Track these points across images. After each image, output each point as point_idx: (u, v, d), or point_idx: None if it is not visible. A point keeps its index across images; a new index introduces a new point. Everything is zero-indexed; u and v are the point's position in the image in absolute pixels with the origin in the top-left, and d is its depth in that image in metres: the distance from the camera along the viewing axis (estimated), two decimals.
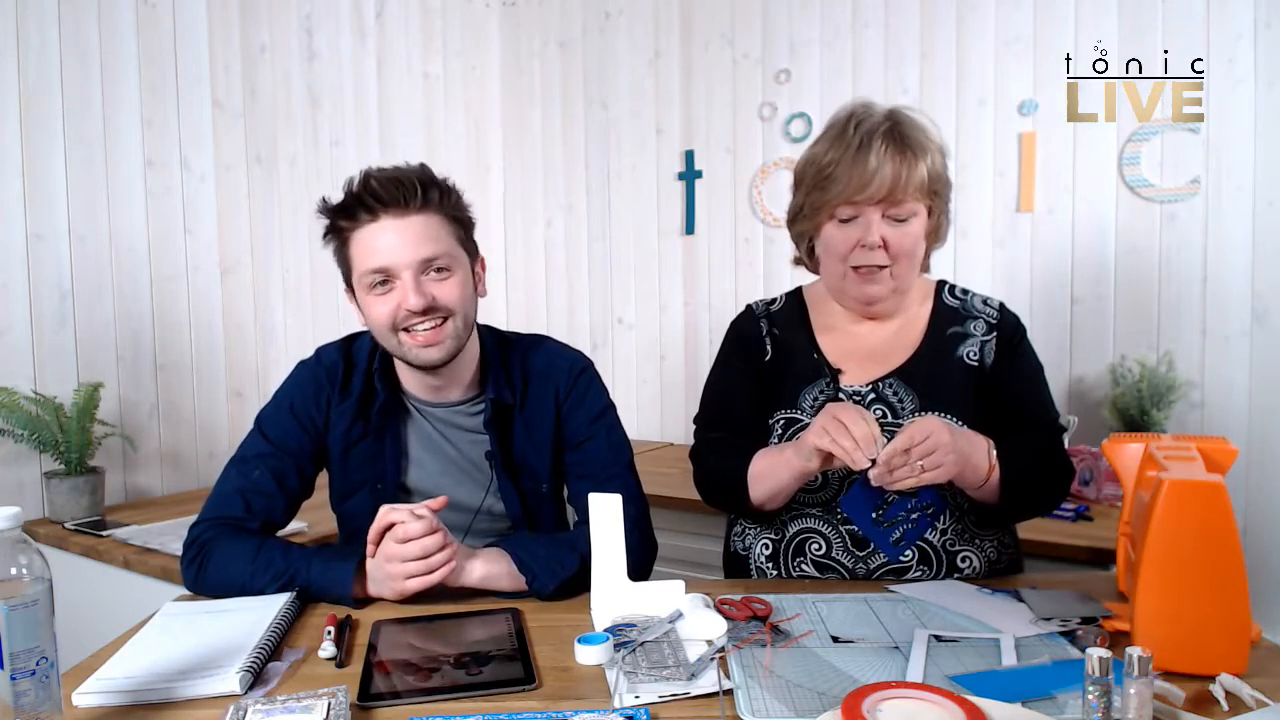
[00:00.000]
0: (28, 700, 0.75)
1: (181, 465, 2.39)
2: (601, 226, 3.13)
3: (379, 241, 1.19)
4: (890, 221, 1.25)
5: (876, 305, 1.33)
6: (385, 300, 1.21)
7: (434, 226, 1.21)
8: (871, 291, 1.30)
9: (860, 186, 1.23)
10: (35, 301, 2.10)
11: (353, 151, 2.82)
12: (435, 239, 1.20)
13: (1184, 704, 0.83)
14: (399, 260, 1.19)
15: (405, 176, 1.20)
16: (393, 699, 0.88)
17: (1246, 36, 2.12)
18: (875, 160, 1.22)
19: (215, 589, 1.18)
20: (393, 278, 1.20)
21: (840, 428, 1.11)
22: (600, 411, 1.37)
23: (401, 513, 1.13)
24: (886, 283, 1.29)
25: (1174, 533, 0.90)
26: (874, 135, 1.23)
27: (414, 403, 1.34)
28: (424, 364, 1.24)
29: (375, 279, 1.20)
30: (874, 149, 1.22)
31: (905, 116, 1.27)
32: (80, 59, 2.17)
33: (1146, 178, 2.24)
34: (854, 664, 0.94)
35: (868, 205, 1.25)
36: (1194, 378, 2.19)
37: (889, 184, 1.22)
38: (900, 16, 2.53)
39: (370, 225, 1.19)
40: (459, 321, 1.23)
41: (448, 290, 1.22)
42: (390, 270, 1.19)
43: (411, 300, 1.18)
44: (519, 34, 3.22)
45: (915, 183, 1.23)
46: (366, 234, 1.20)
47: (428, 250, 1.20)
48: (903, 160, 1.22)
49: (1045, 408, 1.35)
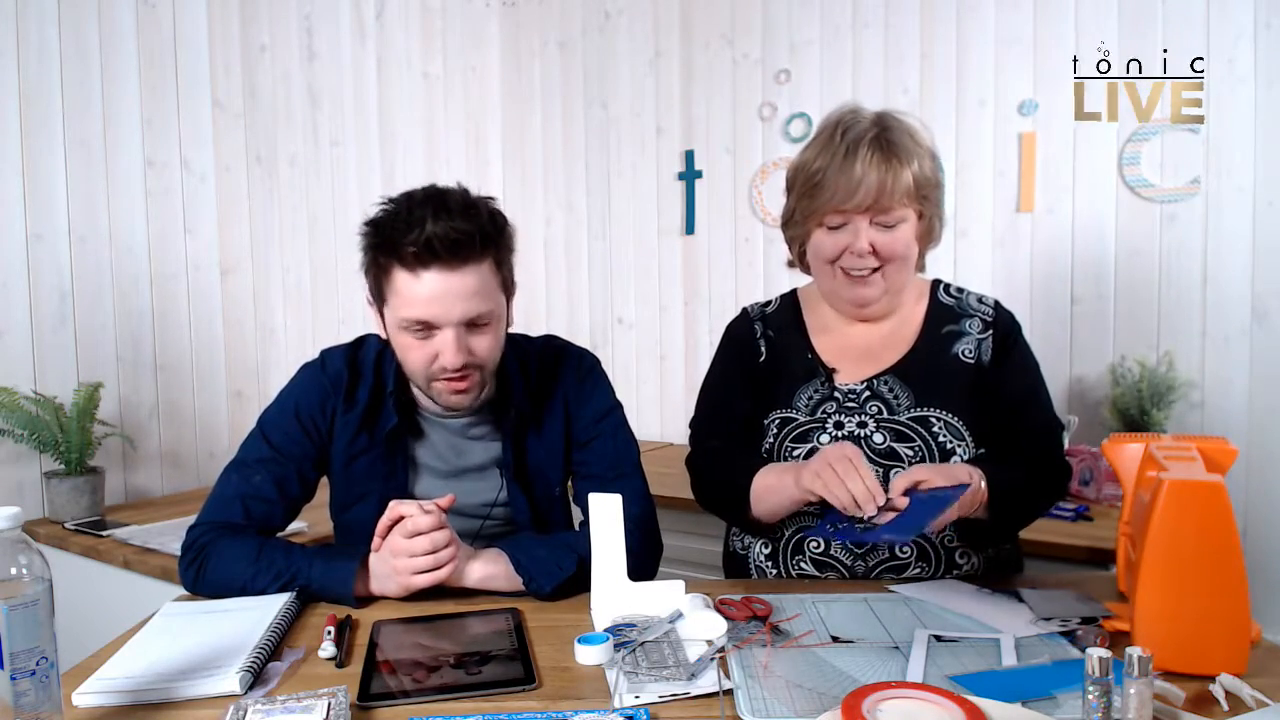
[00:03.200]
0: (28, 700, 0.75)
1: (181, 465, 2.39)
2: (601, 226, 3.13)
3: (425, 292, 1.13)
4: (879, 228, 1.26)
5: (868, 308, 1.33)
6: (422, 347, 1.18)
7: (483, 279, 1.15)
8: (863, 294, 1.31)
9: (847, 195, 1.23)
10: (35, 301, 2.10)
11: (353, 151, 2.82)
12: (482, 295, 1.16)
13: (1184, 704, 0.83)
14: (444, 316, 1.14)
15: (463, 233, 1.11)
16: (393, 699, 0.88)
17: (1246, 36, 2.12)
18: (861, 168, 1.22)
19: (215, 590, 1.18)
20: (434, 327, 1.16)
21: (837, 480, 1.09)
22: (607, 409, 1.36)
23: (410, 507, 1.12)
24: (878, 285, 1.30)
25: (1174, 533, 0.90)
26: (860, 142, 1.23)
27: (427, 417, 1.32)
28: (452, 407, 1.25)
29: (415, 326, 1.16)
30: (860, 157, 1.22)
31: (894, 121, 1.27)
32: (80, 59, 2.17)
33: (1146, 178, 2.24)
34: (854, 664, 0.94)
35: (855, 213, 1.25)
36: (1194, 378, 2.19)
37: (875, 192, 1.23)
38: (900, 16, 2.53)
39: (420, 272, 1.12)
40: (488, 371, 1.23)
41: (485, 345, 1.19)
42: (433, 323, 1.16)
43: (450, 359, 1.15)
44: (519, 34, 3.22)
45: (901, 189, 1.24)
46: (412, 281, 1.13)
47: (476, 307, 1.15)
48: (888, 168, 1.22)
49: (1043, 406, 1.35)
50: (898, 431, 1.29)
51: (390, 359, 1.30)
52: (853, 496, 1.08)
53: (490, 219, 1.17)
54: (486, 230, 1.15)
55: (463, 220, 1.12)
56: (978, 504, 1.17)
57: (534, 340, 1.41)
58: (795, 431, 1.32)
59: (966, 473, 1.14)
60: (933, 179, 1.29)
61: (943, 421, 1.28)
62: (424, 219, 1.11)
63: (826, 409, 1.32)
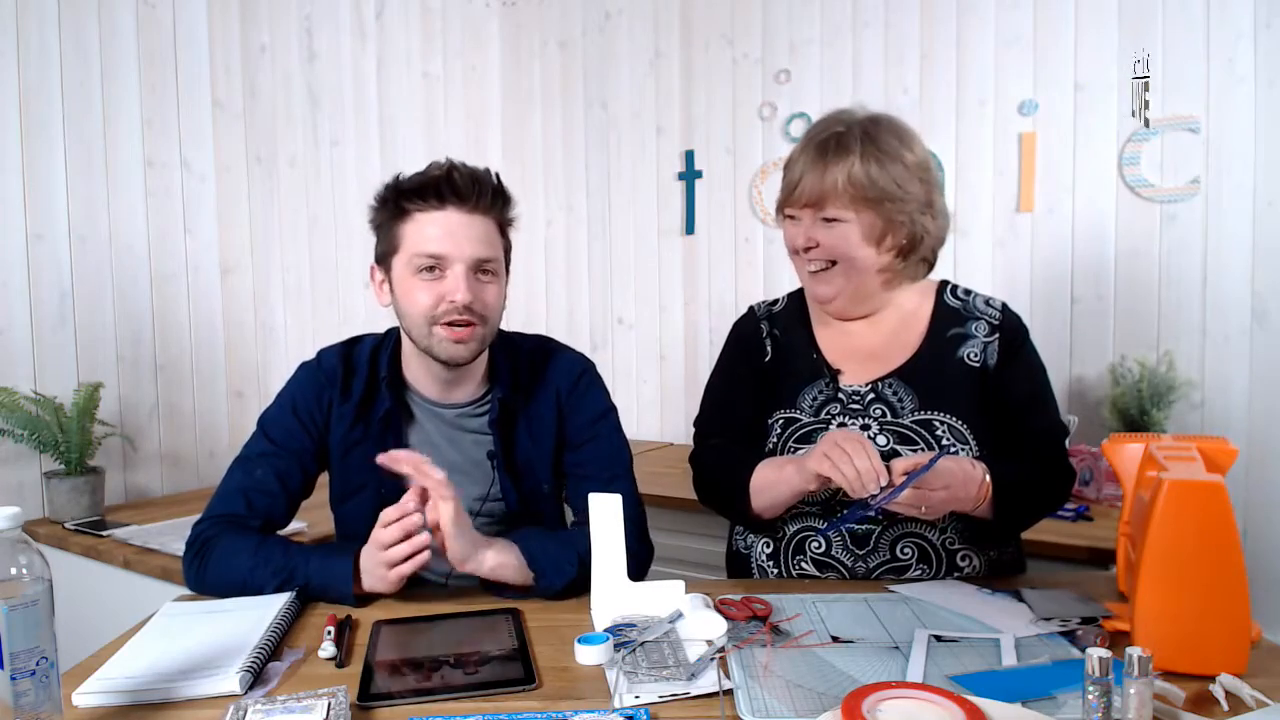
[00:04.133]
0: (28, 700, 0.75)
1: (181, 465, 2.39)
2: (601, 226, 3.13)
3: (440, 229, 1.21)
4: (822, 224, 1.29)
5: (829, 305, 1.35)
6: (430, 288, 1.22)
7: (492, 232, 1.26)
8: (819, 291, 1.34)
9: (789, 190, 1.31)
10: (35, 301, 2.10)
11: (353, 151, 2.82)
12: (491, 243, 1.25)
13: (1184, 704, 0.83)
14: (457, 252, 1.21)
15: (483, 177, 1.24)
16: (393, 699, 0.88)
17: (1246, 36, 2.12)
18: (804, 165, 1.28)
19: (216, 586, 1.19)
20: (444, 268, 1.22)
21: (844, 456, 1.12)
22: (601, 413, 1.37)
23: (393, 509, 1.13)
24: (833, 283, 1.31)
25: (1174, 533, 0.91)
26: (814, 141, 1.29)
27: (419, 403, 1.34)
28: (450, 358, 1.25)
29: (427, 263, 1.22)
30: (810, 154, 1.28)
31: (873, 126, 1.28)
32: (80, 59, 2.17)
33: (1146, 178, 2.24)
34: (854, 664, 0.94)
35: (800, 207, 1.30)
36: (1194, 378, 2.18)
37: (815, 189, 1.27)
38: (900, 16, 2.53)
39: (436, 212, 1.22)
40: (489, 328, 1.27)
41: (490, 295, 1.25)
42: (445, 259, 1.21)
43: (460, 294, 1.20)
44: (519, 34, 3.22)
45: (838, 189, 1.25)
46: (431, 219, 1.22)
47: (485, 251, 1.23)
48: (826, 168, 1.26)
49: (1049, 410, 1.35)
50: (901, 434, 1.29)
51: (385, 351, 1.33)
52: (859, 473, 1.10)
53: (499, 183, 1.28)
54: (500, 186, 1.27)
55: (480, 171, 1.26)
56: (982, 499, 1.18)
57: (528, 337, 1.43)
58: (799, 432, 1.32)
59: (969, 463, 1.17)
60: (894, 189, 1.25)
61: (946, 425, 1.28)
62: (442, 167, 1.24)
63: (830, 410, 1.32)
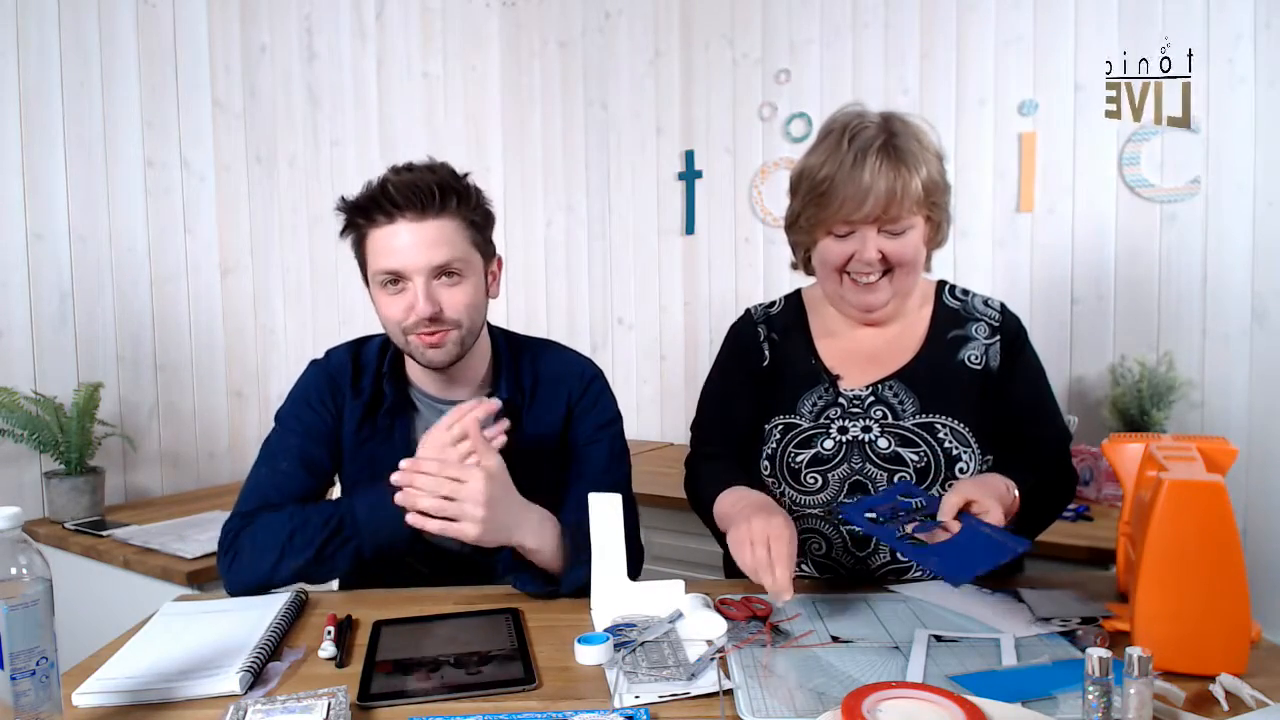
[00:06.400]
0: (28, 700, 0.75)
1: (181, 465, 2.39)
2: (601, 226, 3.13)
3: (393, 243, 1.20)
4: (887, 235, 1.24)
5: (875, 312, 1.32)
6: (396, 301, 1.23)
7: (449, 231, 1.21)
8: (869, 300, 1.30)
9: (856, 205, 1.21)
10: (35, 301, 2.10)
11: (353, 151, 2.82)
12: (449, 244, 1.21)
13: (1184, 704, 0.83)
14: (410, 264, 1.20)
15: (423, 182, 1.20)
16: (393, 699, 0.88)
17: (1246, 36, 2.12)
18: (870, 178, 1.20)
19: (254, 570, 1.18)
20: (404, 279, 1.21)
21: (750, 567, 1.03)
22: (609, 420, 1.38)
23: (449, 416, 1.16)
24: (885, 290, 1.29)
25: (1174, 533, 0.90)
26: (868, 150, 1.21)
27: (423, 399, 1.34)
28: (429, 363, 1.26)
29: (387, 279, 1.22)
30: (868, 165, 1.20)
31: (900, 125, 1.25)
32: (80, 59, 2.17)
33: (1146, 178, 2.24)
34: (854, 664, 0.94)
35: (863, 223, 1.24)
36: (1194, 378, 2.18)
37: (884, 202, 1.21)
38: (900, 16, 2.53)
39: (386, 226, 1.20)
40: (464, 330, 1.25)
41: (456, 298, 1.23)
42: (401, 273, 1.21)
43: (421, 307, 1.20)
44: (519, 34, 3.22)
45: (911, 198, 1.22)
46: (382, 235, 1.21)
47: (440, 256, 1.20)
48: (897, 176, 1.20)
49: (1052, 413, 1.34)
50: (902, 437, 1.28)
51: (390, 349, 1.34)
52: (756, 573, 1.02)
53: (451, 174, 1.24)
54: (446, 183, 1.21)
55: (423, 173, 1.22)
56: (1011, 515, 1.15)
57: (534, 340, 1.43)
58: (799, 437, 1.31)
59: (1005, 485, 1.13)
60: (940, 183, 1.27)
61: (948, 428, 1.27)
62: (386, 178, 1.22)
63: (830, 414, 1.31)
